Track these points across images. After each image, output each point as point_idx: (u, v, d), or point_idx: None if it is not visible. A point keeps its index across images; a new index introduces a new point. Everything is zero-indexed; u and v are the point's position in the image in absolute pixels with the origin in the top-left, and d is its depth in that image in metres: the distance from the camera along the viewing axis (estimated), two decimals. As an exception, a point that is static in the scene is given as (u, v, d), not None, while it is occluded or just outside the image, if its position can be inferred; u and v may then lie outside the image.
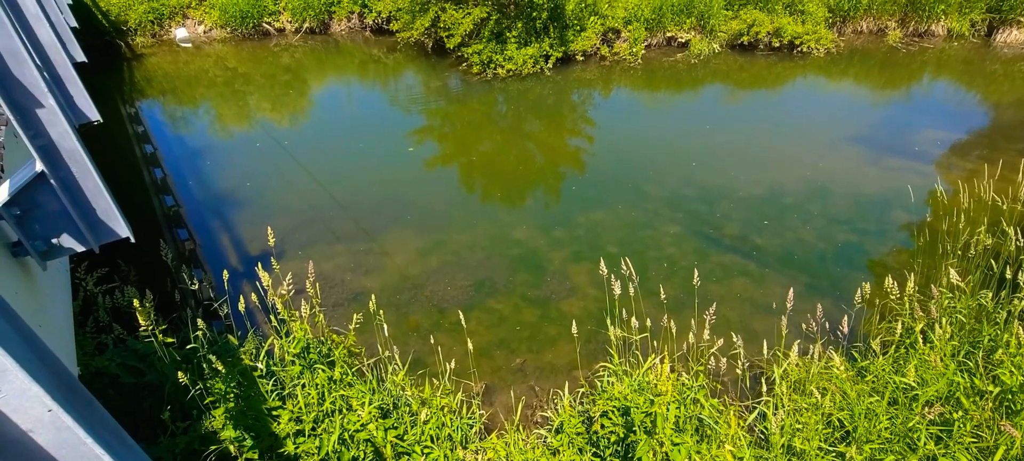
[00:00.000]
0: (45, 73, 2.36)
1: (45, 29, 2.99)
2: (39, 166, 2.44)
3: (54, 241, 2.61)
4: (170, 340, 3.69)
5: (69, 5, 7.52)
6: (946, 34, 13.67)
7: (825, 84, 11.89)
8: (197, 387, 3.45)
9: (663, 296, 4.07)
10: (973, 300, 4.18)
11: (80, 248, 2.66)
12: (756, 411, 3.74)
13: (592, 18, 12.31)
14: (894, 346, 4.02)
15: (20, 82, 2.18)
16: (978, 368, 3.60)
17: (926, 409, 3.18)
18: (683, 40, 13.12)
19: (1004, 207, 4.81)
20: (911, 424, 3.31)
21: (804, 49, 12.67)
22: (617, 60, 12.55)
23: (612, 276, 3.97)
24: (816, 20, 12.80)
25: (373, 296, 4.14)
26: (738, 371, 3.86)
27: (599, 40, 12.50)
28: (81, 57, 4.89)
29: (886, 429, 3.38)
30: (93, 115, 3.39)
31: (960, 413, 3.32)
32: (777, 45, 12.80)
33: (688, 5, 12.83)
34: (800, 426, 3.46)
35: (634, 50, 12.53)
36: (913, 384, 3.52)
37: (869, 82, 12.01)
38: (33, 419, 1.13)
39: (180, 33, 13.63)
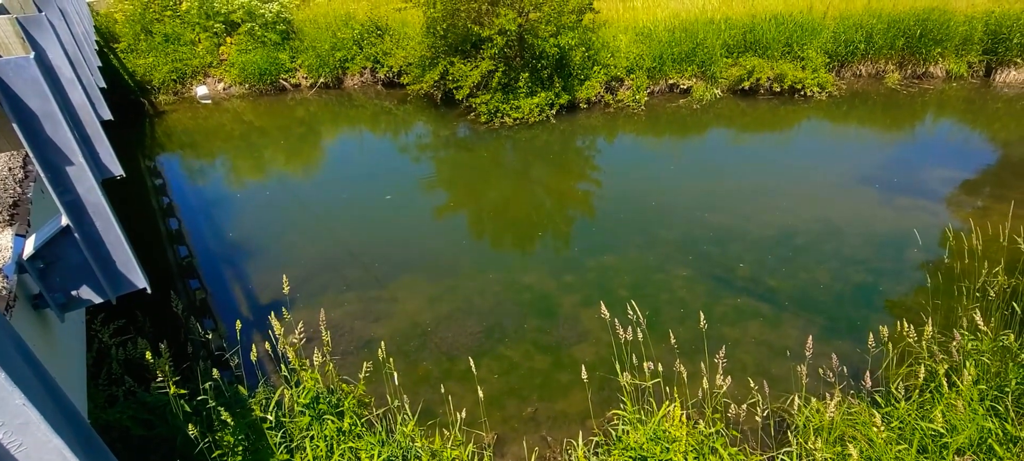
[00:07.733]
0: (76, 132, 2.48)
1: (78, 92, 3.16)
2: (65, 221, 2.52)
3: (74, 293, 2.67)
4: (182, 391, 3.68)
5: (99, 67, 7.92)
6: (945, 75, 13.88)
7: (829, 127, 12.03)
8: (206, 440, 3.41)
9: (672, 340, 4.01)
10: (996, 342, 4.06)
11: (98, 300, 2.70)
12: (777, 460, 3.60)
13: (595, 67, 12.69)
14: (917, 390, 3.89)
15: (54, 142, 2.29)
16: (1009, 413, 3.47)
17: (957, 457, 3.05)
18: (685, 86, 13.43)
19: (1022, 245, 4.75)
20: (942, 473, 3.17)
21: (806, 93, 12.90)
22: (621, 107, 12.84)
23: (616, 321, 3.94)
24: (815, 65, 13.09)
25: (383, 344, 4.12)
26: (757, 418, 3.75)
27: (602, 88, 12.84)
28: (108, 115, 5.11)
29: (916, 479, 3.24)
30: (117, 170, 3.52)
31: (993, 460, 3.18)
32: (778, 90, 13.05)
33: (689, 53, 13.21)
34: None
35: (637, 97, 12.83)
36: (942, 430, 3.39)
37: (873, 123, 12.14)
38: (51, 472, 1.13)
39: (201, 91, 14.21)
